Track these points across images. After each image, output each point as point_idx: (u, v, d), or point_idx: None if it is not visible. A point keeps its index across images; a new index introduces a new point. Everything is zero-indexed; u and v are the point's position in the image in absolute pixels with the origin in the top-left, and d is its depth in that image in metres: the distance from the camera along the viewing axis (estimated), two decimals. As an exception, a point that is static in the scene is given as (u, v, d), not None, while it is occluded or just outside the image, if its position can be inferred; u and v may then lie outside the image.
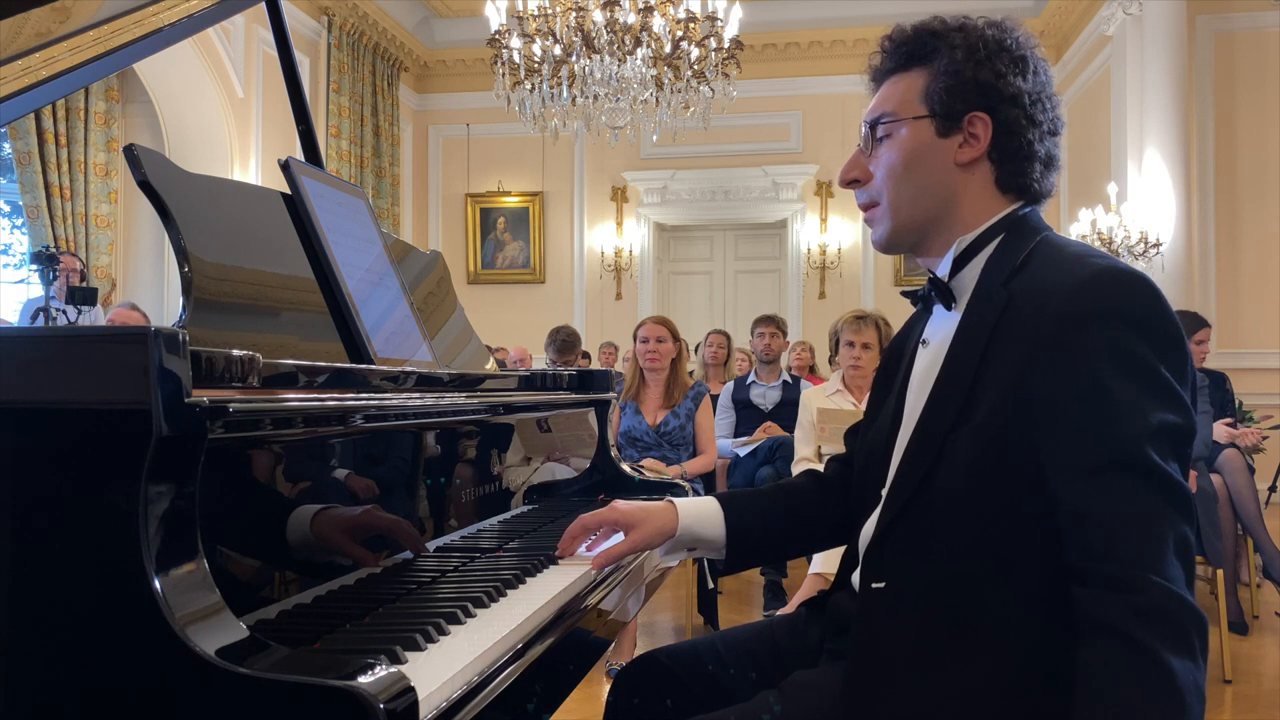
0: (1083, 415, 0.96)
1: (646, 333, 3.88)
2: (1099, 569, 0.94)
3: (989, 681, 1.01)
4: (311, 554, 1.03)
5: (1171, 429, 0.96)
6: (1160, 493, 0.94)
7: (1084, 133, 8.44)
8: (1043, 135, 1.12)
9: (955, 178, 1.12)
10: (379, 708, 0.70)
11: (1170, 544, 0.93)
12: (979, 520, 1.03)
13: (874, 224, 1.19)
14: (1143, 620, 0.90)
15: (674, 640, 1.70)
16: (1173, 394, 0.97)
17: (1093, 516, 0.95)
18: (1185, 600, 0.91)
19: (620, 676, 1.41)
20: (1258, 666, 3.41)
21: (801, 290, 9.56)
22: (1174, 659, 0.88)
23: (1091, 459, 0.95)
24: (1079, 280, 1.00)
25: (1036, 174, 1.12)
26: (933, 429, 1.08)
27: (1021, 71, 1.10)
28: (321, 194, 1.49)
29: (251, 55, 7.47)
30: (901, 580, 1.08)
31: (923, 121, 1.12)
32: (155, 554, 0.75)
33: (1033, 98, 1.10)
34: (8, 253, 8.55)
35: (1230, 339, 7.12)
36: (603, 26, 4.96)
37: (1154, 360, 0.97)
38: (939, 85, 1.11)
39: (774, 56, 9.31)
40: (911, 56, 1.15)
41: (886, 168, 1.14)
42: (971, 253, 1.12)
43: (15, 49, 1.14)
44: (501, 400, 1.60)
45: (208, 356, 0.88)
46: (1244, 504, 3.83)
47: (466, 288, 9.62)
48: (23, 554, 0.77)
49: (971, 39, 1.11)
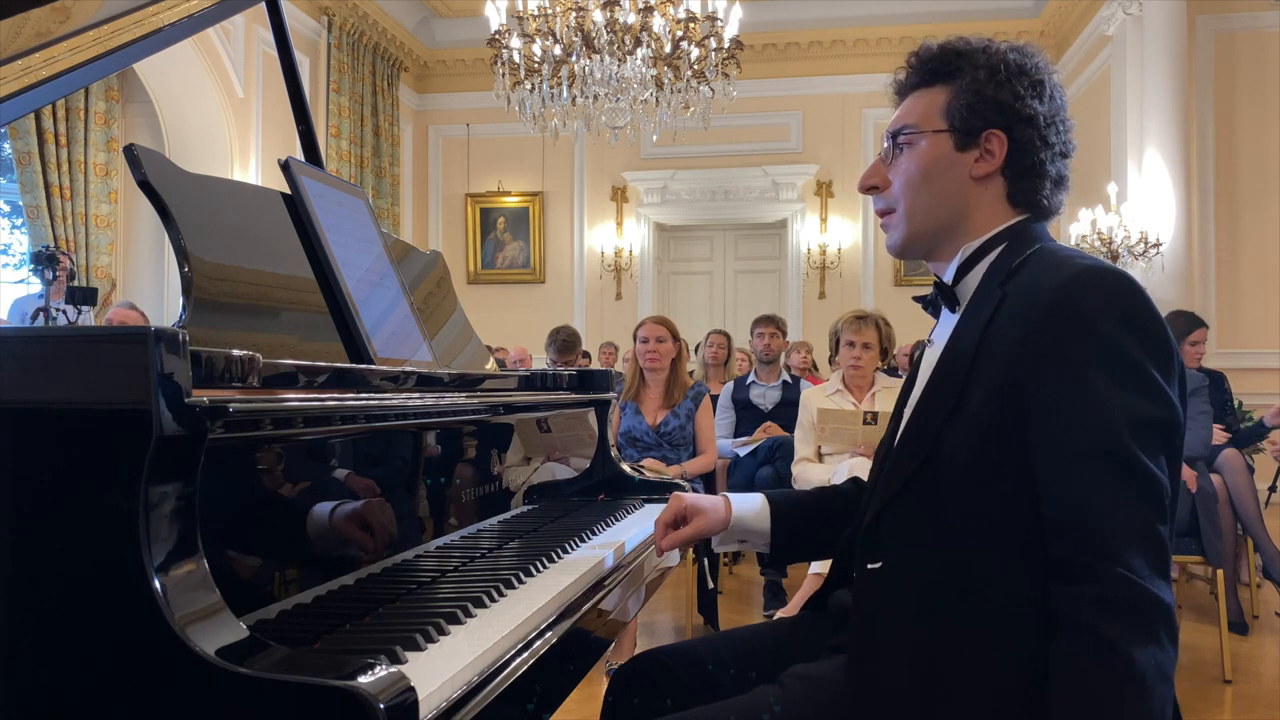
0: (1064, 406, 1.00)
1: (646, 333, 3.88)
2: (1068, 559, 0.98)
3: (987, 663, 1.03)
4: (311, 554, 1.03)
5: (1154, 422, 1.00)
6: (1134, 483, 0.97)
7: (1084, 133, 8.39)
8: (1055, 156, 1.17)
9: (969, 190, 1.17)
10: (379, 708, 0.70)
11: (1139, 534, 0.96)
12: (971, 507, 1.06)
13: (889, 229, 1.24)
14: (1104, 612, 0.94)
15: (674, 640, 1.70)
16: (1155, 387, 1.00)
17: (1065, 503, 0.99)
18: (1147, 590, 0.94)
19: (619, 675, 1.41)
20: (1258, 666, 3.41)
21: (801, 290, 9.56)
22: (1135, 648, 0.92)
23: (1069, 448, 0.99)
24: (1065, 278, 1.04)
25: (1046, 191, 1.18)
26: (928, 419, 1.12)
27: (1039, 95, 1.15)
28: (321, 194, 1.49)
29: (251, 55, 7.47)
30: (896, 562, 1.12)
31: (942, 135, 1.17)
32: (155, 554, 0.75)
33: (1048, 120, 1.15)
34: (7, 253, 8.56)
35: (1230, 339, 7.11)
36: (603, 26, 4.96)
37: (1137, 354, 1.00)
38: (960, 102, 1.16)
39: (774, 56, 9.31)
40: (936, 73, 1.20)
41: (905, 177, 1.20)
42: (976, 259, 1.17)
43: (15, 49, 1.14)
44: (501, 400, 1.60)
45: (208, 356, 0.88)
46: (1244, 504, 3.83)
47: (466, 288, 9.62)
48: (23, 554, 0.77)
49: (994, 61, 1.16)
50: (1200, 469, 3.44)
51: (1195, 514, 3.31)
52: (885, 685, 1.08)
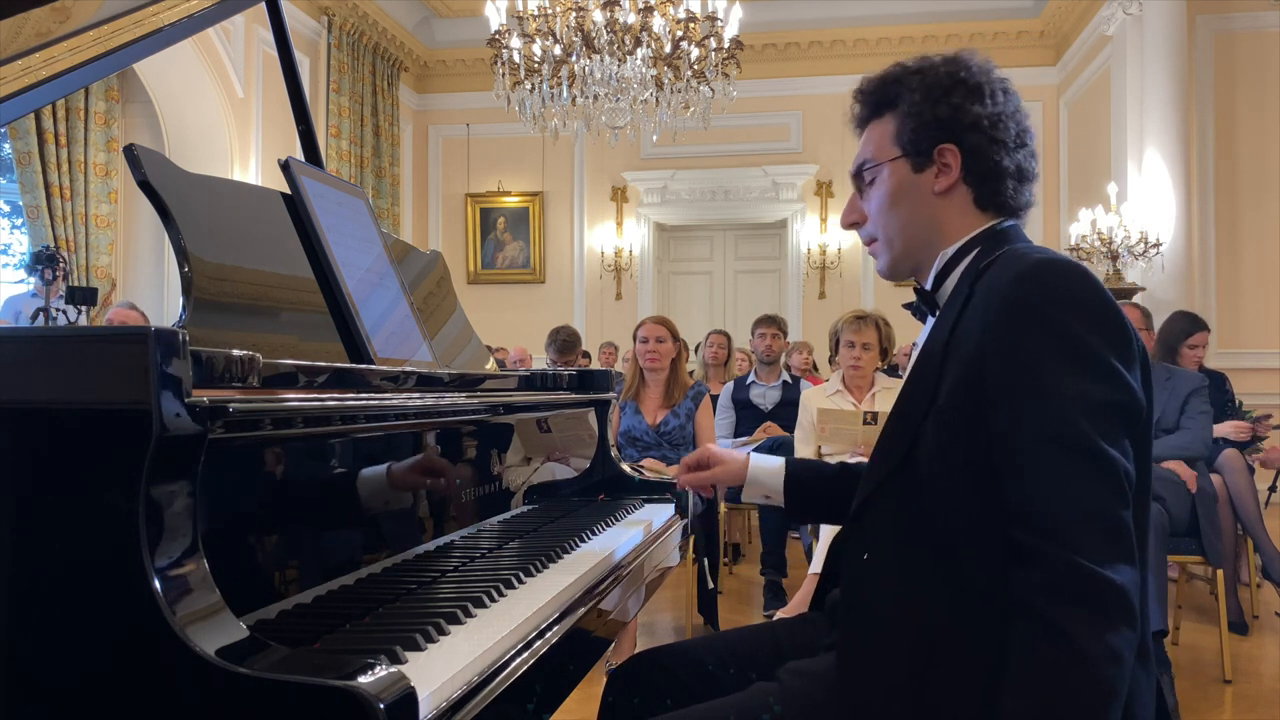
0: (1018, 394, 1.03)
1: (646, 333, 3.88)
2: (1022, 544, 1.00)
3: (973, 650, 1.04)
4: (311, 554, 1.03)
5: (1111, 405, 1.02)
6: (1088, 466, 0.99)
7: (1084, 133, 8.44)
8: (1009, 151, 1.20)
9: (937, 205, 1.22)
10: (379, 707, 0.70)
11: (1092, 517, 0.98)
12: (947, 497, 1.09)
13: (876, 256, 1.30)
14: (1051, 596, 0.96)
15: (674, 640, 1.71)
16: (1110, 371, 1.02)
17: (1021, 489, 1.01)
18: (1095, 573, 0.95)
19: (618, 675, 1.41)
20: (1258, 666, 3.41)
21: (801, 290, 9.56)
22: (1082, 631, 0.94)
23: (1024, 435, 1.02)
24: (1018, 272, 1.07)
25: (1010, 189, 1.21)
26: (908, 416, 1.16)
27: (979, 99, 1.19)
28: (321, 194, 1.49)
29: (251, 55, 7.47)
30: (881, 553, 1.15)
31: (899, 161, 1.23)
32: (155, 554, 0.75)
33: (992, 120, 1.18)
34: (7, 253, 8.56)
35: (1230, 339, 7.11)
36: (603, 26, 4.97)
37: (1089, 340, 1.02)
38: (906, 127, 1.21)
39: (774, 56, 9.31)
40: (880, 104, 1.25)
41: (877, 207, 1.26)
42: (953, 265, 1.22)
43: (15, 49, 1.14)
44: (501, 400, 1.60)
45: (208, 356, 0.88)
46: (1244, 504, 3.83)
47: (466, 288, 9.62)
48: (23, 554, 0.77)
49: (928, 80, 1.20)
50: (1200, 469, 3.44)
51: (1195, 514, 3.30)
52: (875, 675, 1.09)
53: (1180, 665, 3.29)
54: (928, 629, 1.07)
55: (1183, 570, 3.80)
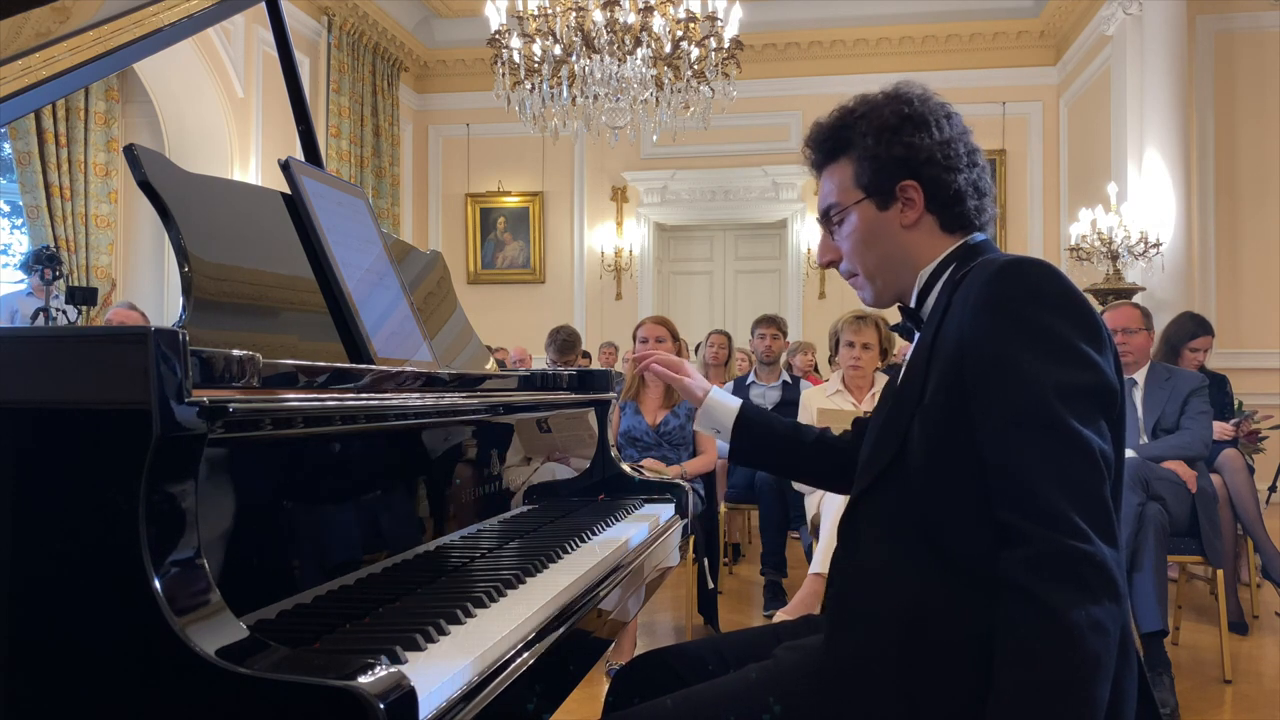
0: (995, 383, 1.07)
1: (646, 333, 3.87)
2: (1006, 522, 1.03)
3: (962, 632, 1.06)
4: (311, 554, 1.03)
5: (1084, 387, 1.06)
6: (1064, 446, 1.03)
7: (1084, 133, 8.44)
8: (962, 171, 1.25)
9: (907, 236, 1.27)
10: (379, 707, 0.70)
11: (1071, 494, 1.01)
12: (936, 487, 1.12)
13: (860, 290, 1.35)
14: (1034, 571, 0.99)
15: (674, 640, 1.71)
16: (1081, 356, 1.07)
17: (1002, 471, 1.05)
18: (1077, 548, 0.98)
19: (620, 675, 1.41)
20: (1258, 666, 3.41)
21: (801, 290, 9.56)
22: (1066, 604, 0.97)
23: (1002, 419, 1.06)
24: (989, 274, 1.13)
25: (971, 208, 1.26)
26: (898, 418, 1.20)
27: (926, 130, 1.23)
28: (321, 194, 1.49)
29: (251, 55, 7.46)
30: (872, 541, 1.19)
31: (864, 203, 1.27)
32: (155, 554, 0.75)
33: (943, 148, 1.23)
34: (7, 253, 8.56)
35: (1230, 339, 7.10)
36: (603, 26, 4.97)
37: (1058, 328, 1.07)
38: (865, 170, 1.26)
39: (774, 56, 9.31)
40: (834, 150, 1.30)
41: (850, 246, 1.30)
42: (933, 282, 1.27)
43: (15, 49, 1.14)
44: (501, 400, 1.60)
45: (208, 356, 0.88)
46: (1244, 504, 3.83)
47: (466, 288, 9.62)
48: (23, 554, 0.77)
49: (876, 122, 1.25)
50: (1200, 469, 3.44)
51: (1195, 514, 3.30)
52: (864, 658, 1.12)
53: (1180, 665, 3.29)
54: (917, 611, 1.10)
55: (1183, 570, 3.80)
